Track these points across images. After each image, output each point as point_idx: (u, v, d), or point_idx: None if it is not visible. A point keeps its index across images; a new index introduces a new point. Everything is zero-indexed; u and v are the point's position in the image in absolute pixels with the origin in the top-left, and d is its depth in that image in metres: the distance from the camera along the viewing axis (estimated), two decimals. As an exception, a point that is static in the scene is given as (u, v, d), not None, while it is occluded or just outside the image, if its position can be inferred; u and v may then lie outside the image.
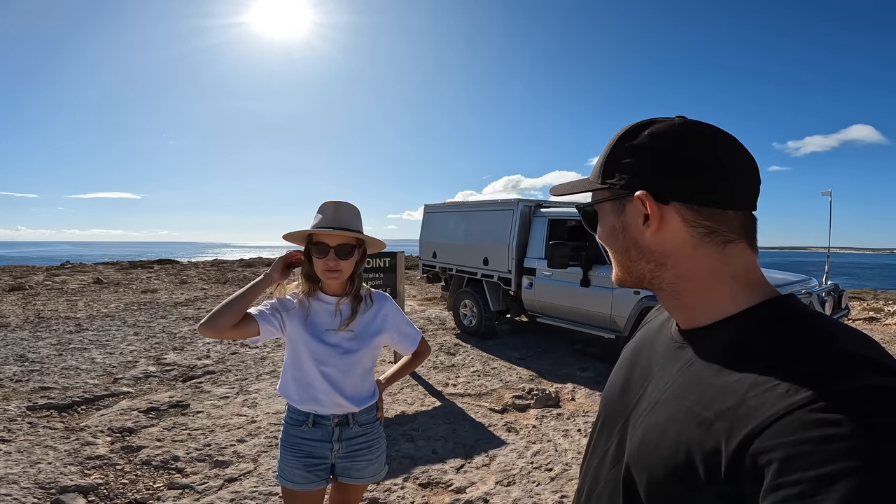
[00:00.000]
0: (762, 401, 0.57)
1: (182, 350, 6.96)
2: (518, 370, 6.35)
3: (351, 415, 1.93)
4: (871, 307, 11.19)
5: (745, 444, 0.56)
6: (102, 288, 13.51)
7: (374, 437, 2.01)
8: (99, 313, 9.63)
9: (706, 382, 0.67)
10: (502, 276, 7.63)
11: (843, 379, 0.54)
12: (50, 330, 8.05)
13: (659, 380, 0.78)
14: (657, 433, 0.70)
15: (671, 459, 0.65)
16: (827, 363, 0.57)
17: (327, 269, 1.85)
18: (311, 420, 1.90)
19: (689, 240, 0.71)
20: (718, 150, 0.70)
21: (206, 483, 3.47)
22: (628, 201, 0.74)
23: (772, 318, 0.67)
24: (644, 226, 0.72)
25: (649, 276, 0.76)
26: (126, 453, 3.87)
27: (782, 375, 0.58)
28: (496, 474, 3.69)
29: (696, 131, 0.71)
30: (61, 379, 5.58)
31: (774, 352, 0.63)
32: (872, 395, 0.52)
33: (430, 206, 9.49)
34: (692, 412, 0.65)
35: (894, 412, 0.51)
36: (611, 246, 0.80)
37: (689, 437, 0.63)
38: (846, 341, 0.60)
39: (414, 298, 12.53)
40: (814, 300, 5.29)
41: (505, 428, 4.55)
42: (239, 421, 4.50)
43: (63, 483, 3.41)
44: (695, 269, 0.72)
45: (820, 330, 0.63)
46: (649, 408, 0.75)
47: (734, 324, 0.70)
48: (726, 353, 0.68)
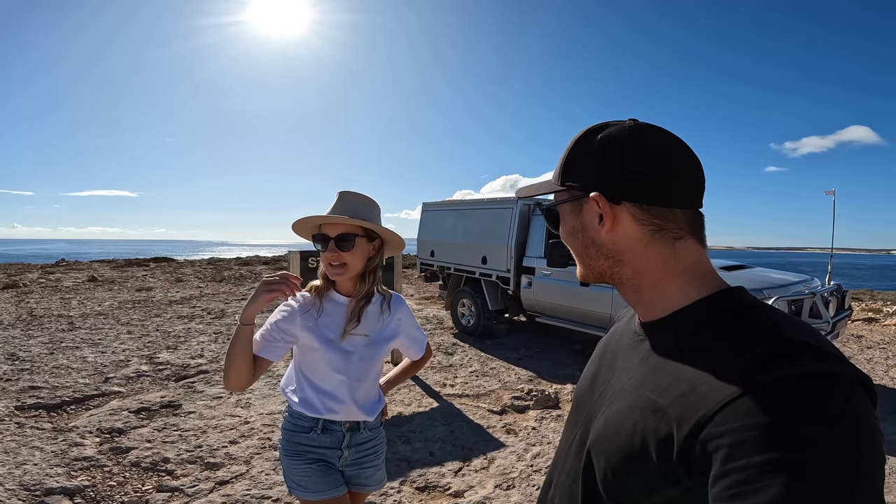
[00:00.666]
0: (711, 387, 0.59)
1: (175, 349, 6.86)
2: (517, 370, 6.27)
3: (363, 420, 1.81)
4: (869, 308, 11.16)
5: (696, 431, 0.58)
6: (97, 286, 13.39)
7: (380, 442, 1.91)
8: (92, 311, 9.52)
9: (662, 371, 0.70)
10: (501, 276, 7.55)
11: (788, 365, 0.56)
12: (42, 328, 7.94)
13: (622, 371, 0.81)
14: (617, 421, 0.72)
15: (627, 446, 0.67)
16: (772, 351, 0.59)
17: (329, 261, 1.70)
18: (321, 426, 1.75)
19: (640, 237, 0.75)
20: (664, 152, 0.75)
21: (197, 485, 3.37)
22: (585, 202, 0.78)
23: (721, 309, 0.71)
24: (599, 225, 0.76)
25: (609, 272, 0.79)
26: (114, 454, 3.77)
27: (731, 363, 0.61)
28: (495, 477, 3.61)
29: (644, 134, 0.75)
30: (51, 378, 5.47)
31: (723, 341, 0.65)
32: (816, 380, 0.55)
33: (429, 204, 9.41)
34: (649, 400, 0.68)
35: (837, 397, 0.54)
36: (571, 245, 0.83)
37: (645, 425, 0.66)
38: (791, 330, 0.63)
39: (412, 297, 12.45)
40: (817, 300, 5.22)
41: (504, 429, 4.47)
42: (232, 422, 4.41)
43: (49, 485, 3.31)
44: (648, 264, 0.76)
45: (766, 320, 0.66)
46: (612, 398, 0.78)
47: (685, 315, 0.73)
48: (680, 343, 0.71)
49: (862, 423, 0.53)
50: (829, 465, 0.50)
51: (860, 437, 0.52)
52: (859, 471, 0.50)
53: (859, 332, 8.65)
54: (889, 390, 5.64)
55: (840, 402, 0.54)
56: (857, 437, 0.52)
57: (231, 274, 17.15)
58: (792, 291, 5.22)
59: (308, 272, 5.31)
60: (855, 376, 0.57)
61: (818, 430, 0.51)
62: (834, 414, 0.52)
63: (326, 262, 1.71)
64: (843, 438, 0.51)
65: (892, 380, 5.98)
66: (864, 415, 0.54)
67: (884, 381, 5.93)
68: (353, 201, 1.75)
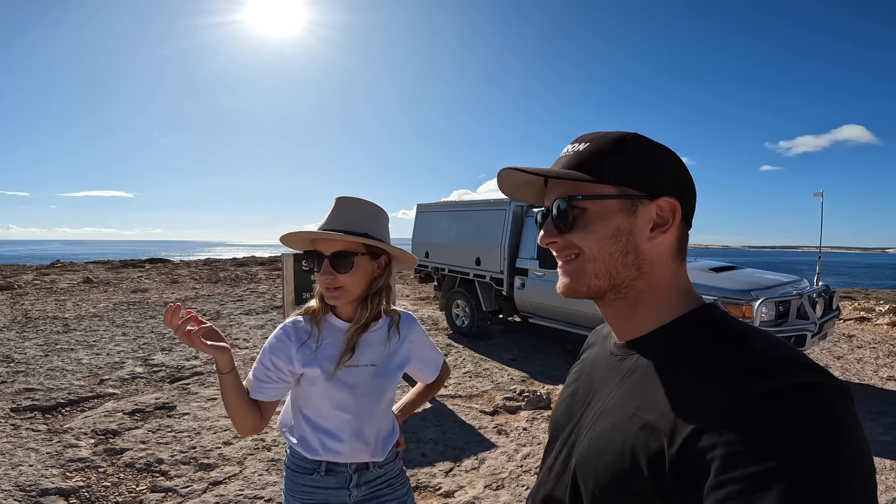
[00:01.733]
0: (701, 401, 0.60)
1: (170, 350, 6.88)
2: (510, 371, 6.32)
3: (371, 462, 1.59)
4: (862, 307, 11.22)
5: (687, 445, 0.58)
6: (92, 287, 13.39)
7: (396, 475, 1.66)
8: (87, 313, 9.53)
9: (647, 387, 0.70)
10: (494, 277, 7.59)
11: (777, 377, 0.57)
12: (37, 330, 7.95)
13: (602, 393, 0.80)
14: (603, 441, 0.72)
15: (616, 464, 0.67)
16: (758, 364, 0.60)
17: (323, 285, 1.45)
18: (324, 468, 1.53)
19: (670, 252, 0.76)
20: (689, 174, 0.78)
21: (190, 486, 3.41)
22: (643, 205, 0.74)
23: (699, 325, 0.72)
24: (651, 232, 0.74)
25: (627, 283, 0.76)
26: (109, 455, 3.81)
27: (717, 377, 0.62)
28: (485, 478, 3.65)
29: (671, 152, 0.78)
30: (46, 380, 5.50)
31: (706, 355, 0.66)
32: (804, 391, 0.56)
33: (423, 205, 9.45)
34: (635, 417, 0.68)
35: (826, 407, 0.55)
36: (605, 248, 0.75)
37: (634, 442, 0.66)
38: (768, 344, 0.64)
39: (407, 298, 12.49)
40: (805, 301, 5.27)
41: (495, 430, 4.52)
42: (226, 423, 4.44)
43: (44, 485, 3.35)
44: (661, 279, 0.76)
45: (742, 335, 0.67)
46: (594, 419, 0.78)
47: (667, 332, 0.74)
48: (663, 359, 0.71)
49: (851, 433, 0.54)
50: (821, 475, 0.50)
51: (850, 447, 0.53)
52: (850, 479, 0.51)
53: (850, 332, 8.70)
54: (878, 390, 5.66)
55: (829, 412, 0.54)
56: (848, 447, 0.53)
57: (227, 275, 17.15)
58: (779, 293, 5.27)
59: (300, 274, 5.35)
60: (839, 385, 0.58)
61: (810, 441, 0.52)
62: (824, 424, 0.53)
63: (321, 284, 1.46)
64: (834, 448, 0.52)
65: (882, 380, 6.00)
66: (852, 424, 0.55)
67: (873, 381, 5.95)
68: (353, 211, 1.50)
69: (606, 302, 0.79)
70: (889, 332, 8.80)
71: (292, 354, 1.48)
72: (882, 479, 3.63)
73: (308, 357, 1.48)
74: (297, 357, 1.48)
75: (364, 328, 1.53)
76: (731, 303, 5.04)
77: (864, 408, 5.03)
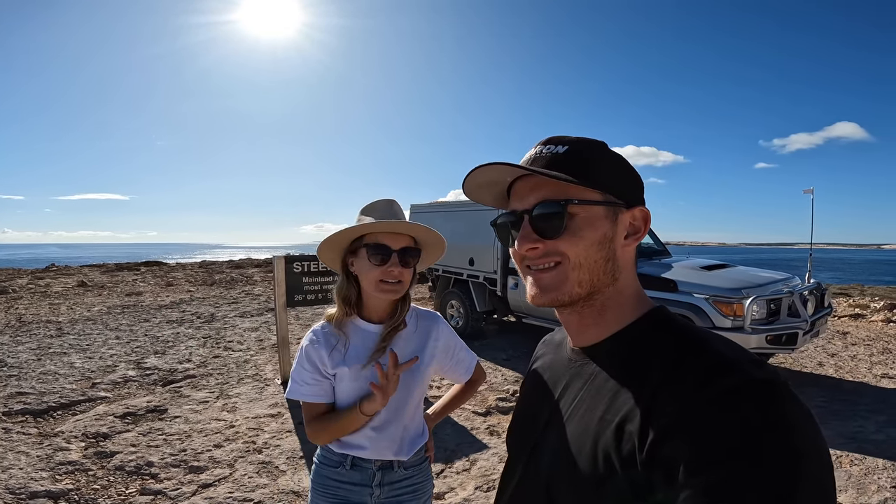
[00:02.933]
0: (665, 400, 0.62)
1: (163, 354, 6.86)
2: (504, 371, 6.32)
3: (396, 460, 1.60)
4: (856, 304, 11.23)
5: (655, 446, 0.59)
6: (86, 291, 13.35)
7: (421, 481, 1.64)
8: (81, 317, 9.50)
9: (613, 390, 0.70)
10: (488, 277, 7.60)
11: (725, 376, 0.60)
12: (30, 334, 7.92)
13: (565, 400, 0.80)
14: (575, 447, 0.72)
15: (591, 469, 0.67)
16: (710, 364, 0.62)
17: (387, 277, 1.45)
18: (350, 462, 1.55)
19: (633, 259, 0.79)
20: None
21: (180, 489, 3.40)
22: (622, 213, 0.76)
23: (654, 327, 0.74)
24: (625, 240, 0.76)
25: (601, 290, 0.76)
26: (99, 459, 3.79)
27: (677, 376, 0.63)
28: (476, 479, 3.65)
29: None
30: (38, 384, 5.48)
31: (666, 355, 0.68)
32: (754, 389, 0.58)
33: (417, 206, 9.45)
34: (604, 420, 0.68)
35: (774, 403, 0.57)
36: (593, 255, 0.74)
37: (607, 445, 0.66)
38: (720, 343, 0.67)
39: (402, 299, 12.47)
40: (796, 299, 5.27)
41: (487, 431, 4.51)
42: (217, 426, 4.43)
43: (33, 488, 3.34)
44: (627, 285, 0.78)
45: (699, 335, 0.70)
46: (559, 427, 0.77)
47: (625, 335, 0.76)
48: (627, 360, 0.72)
49: (800, 425, 0.56)
50: (772, 470, 0.52)
51: (801, 439, 0.55)
52: (803, 471, 0.53)
53: (845, 329, 8.72)
54: (871, 388, 5.65)
55: (777, 407, 0.56)
56: (798, 439, 0.54)
57: (222, 277, 17.12)
58: (770, 291, 5.27)
59: (292, 276, 5.34)
60: (785, 381, 0.59)
61: (760, 438, 0.54)
62: (773, 420, 0.55)
63: (380, 277, 1.45)
64: (784, 442, 0.54)
65: (876, 377, 5.98)
66: (802, 416, 0.57)
67: (867, 379, 5.94)
68: (402, 214, 1.57)
69: (575, 309, 0.78)
70: (884, 328, 8.82)
71: (324, 357, 1.51)
72: (874, 479, 3.61)
73: (337, 360, 1.50)
74: (329, 360, 1.50)
75: (398, 327, 1.55)
76: (723, 301, 5.04)
77: (858, 406, 5.04)
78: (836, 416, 4.74)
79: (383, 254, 1.44)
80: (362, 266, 1.48)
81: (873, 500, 3.37)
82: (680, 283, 5.44)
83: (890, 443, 4.17)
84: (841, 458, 3.92)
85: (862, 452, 4.01)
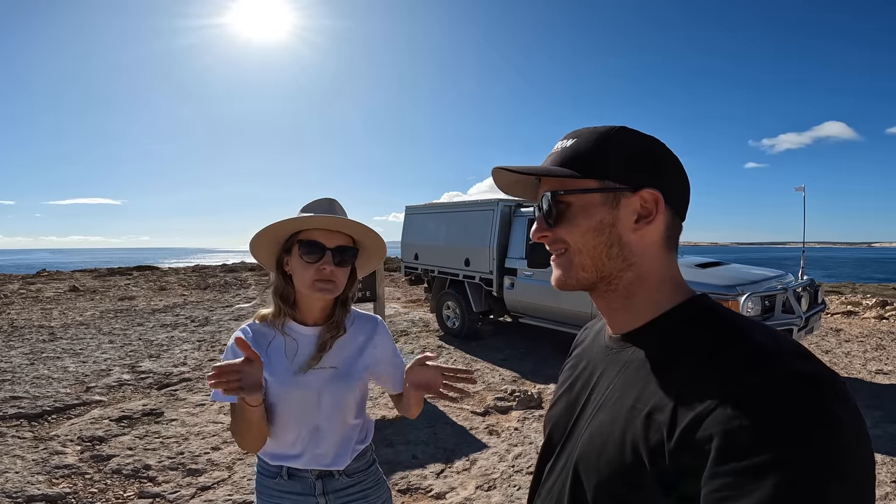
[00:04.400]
0: (698, 392, 0.60)
1: (158, 357, 6.82)
2: (501, 371, 6.32)
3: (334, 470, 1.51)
4: (849, 301, 11.32)
5: (685, 435, 0.58)
6: (78, 296, 13.26)
7: (370, 486, 1.57)
8: (73, 321, 9.43)
9: (645, 379, 0.70)
10: (484, 277, 7.59)
11: (771, 367, 0.58)
12: (23, 339, 7.86)
13: (600, 386, 0.80)
14: (603, 434, 0.71)
15: (618, 458, 0.67)
16: (752, 353, 0.61)
17: (320, 276, 1.38)
18: (286, 472, 1.48)
19: (660, 242, 0.76)
20: (680, 164, 0.79)
21: (178, 492, 3.38)
22: (626, 197, 0.75)
23: (694, 315, 0.73)
24: (636, 224, 0.75)
25: (616, 275, 0.76)
26: (95, 462, 3.76)
27: (713, 367, 0.62)
28: (476, 479, 3.64)
29: (664, 145, 0.78)
30: (32, 388, 5.43)
31: (702, 345, 0.67)
32: (799, 381, 0.55)
33: (411, 207, 9.45)
34: (635, 409, 0.68)
35: (821, 399, 0.54)
36: (589, 241, 0.76)
37: (635, 434, 0.65)
38: (762, 334, 0.65)
39: (398, 300, 12.46)
40: (790, 296, 5.31)
41: (486, 431, 4.51)
42: (214, 428, 4.41)
43: (30, 492, 3.31)
44: (652, 270, 0.76)
45: (736, 324, 0.68)
46: (593, 414, 0.77)
47: (662, 322, 0.75)
48: (660, 350, 0.72)
49: (846, 424, 0.53)
50: (813, 467, 0.50)
51: (845, 438, 0.52)
52: (844, 472, 0.51)
53: (838, 326, 8.78)
54: (866, 384, 5.71)
55: (822, 402, 0.54)
56: (842, 438, 0.52)
57: (216, 281, 17.05)
58: (764, 287, 5.30)
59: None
60: (835, 376, 0.57)
61: (802, 432, 0.52)
62: (817, 415, 0.53)
63: (314, 276, 1.38)
64: (828, 440, 0.51)
65: (870, 373, 6.05)
66: (848, 415, 0.54)
67: (861, 375, 6.00)
68: (343, 212, 1.48)
69: (599, 294, 0.80)
70: (876, 325, 8.89)
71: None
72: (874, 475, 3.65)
73: (267, 361, 1.41)
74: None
75: (338, 330, 1.48)
76: (718, 298, 5.07)
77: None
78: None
79: (316, 251, 1.38)
80: (296, 265, 1.40)
81: (879, 493, 3.38)
82: (675, 280, 5.46)
83: (887, 438, 4.20)
84: (838, 453, 3.95)
85: (859, 447, 4.03)
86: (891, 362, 6.54)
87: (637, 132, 0.78)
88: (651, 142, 0.77)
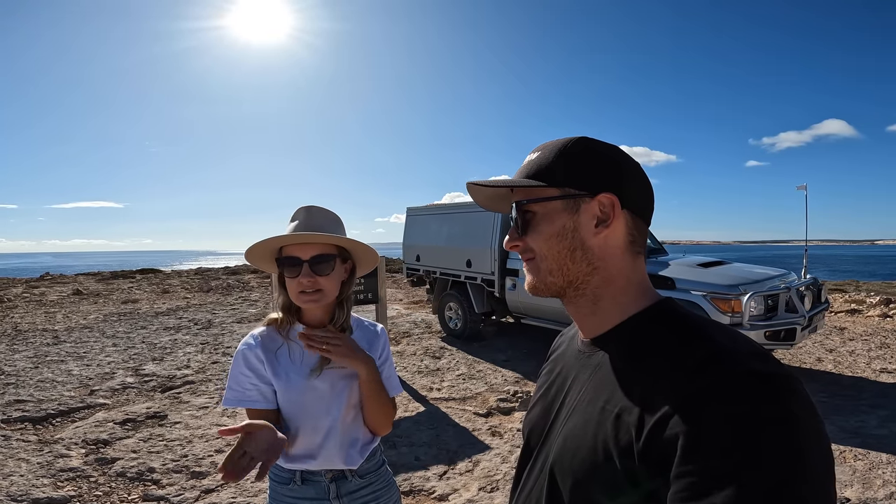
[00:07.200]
0: (662, 392, 0.63)
1: (162, 360, 6.84)
2: (503, 372, 6.32)
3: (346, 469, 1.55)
4: (852, 299, 11.28)
5: (652, 435, 0.60)
6: (82, 299, 13.29)
7: (382, 487, 1.61)
8: (77, 325, 9.45)
9: (614, 382, 0.72)
10: (486, 278, 7.59)
11: (725, 367, 0.60)
12: (27, 343, 7.88)
13: (573, 391, 0.82)
14: (577, 438, 0.74)
15: (591, 458, 0.69)
16: (711, 355, 0.63)
17: (302, 289, 1.44)
18: (299, 477, 1.50)
19: (622, 245, 0.78)
20: (641, 169, 0.82)
21: (183, 494, 3.39)
22: (585, 202, 0.78)
23: (660, 319, 0.75)
24: (596, 228, 0.77)
25: (582, 279, 0.79)
26: (100, 465, 3.77)
27: (676, 369, 0.64)
28: (479, 480, 3.64)
29: (624, 151, 0.82)
30: (36, 392, 5.45)
31: (667, 347, 0.69)
32: (755, 380, 0.57)
33: (413, 209, 9.45)
34: (605, 411, 0.70)
35: (777, 397, 0.56)
36: (553, 247, 0.80)
37: (606, 436, 0.68)
38: (723, 336, 0.67)
39: (400, 302, 12.46)
40: (793, 295, 5.29)
41: (489, 432, 4.51)
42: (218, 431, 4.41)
43: (35, 495, 3.32)
44: (617, 273, 0.79)
45: (700, 328, 0.70)
46: (567, 417, 0.80)
47: (630, 326, 0.77)
48: (628, 353, 0.74)
49: (802, 421, 0.55)
50: (772, 467, 0.51)
51: (803, 435, 0.54)
52: (806, 473, 0.52)
53: (842, 324, 8.75)
54: (870, 383, 5.67)
55: (779, 400, 0.56)
56: (800, 435, 0.54)
57: (219, 284, 17.06)
58: (767, 286, 5.28)
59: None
60: (790, 375, 0.59)
61: (760, 431, 0.53)
62: (773, 414, 0.55)
63: (298, 289, 1.44)
64: (785, 438, 0.53)
65: (875, 372, 6.01)
66: (804, 412, 0.56)
67: (866, 374, 5.97)
68: (321, 218, 1.53)
69: (569, 299, 0.83)
70: (880, 323, 8.86)
71: (265, 362, 1.48)
72: (879, 474, 3.61)
73: (276, 366, 1.48)
74: (268, 367, 1.47)
75: (349, 328, 1.56)
76: (720, 297, 5.06)
77: (859, 401, 5.06)
78: (837, 412, 4.75)
79: (295, 265, 1.44)
80: (287, 276, 1.47)
81: (879, 495, 3.37)
82: (677, 280, 5.45)
83: (893, 437, 4.18)
84: (844, 453, 3.93)
85: (865, 447, 4.02)
86: (895, 360, 6.51)
87: (597, 141, 0.81)
88: (610, 149, 0.80)
